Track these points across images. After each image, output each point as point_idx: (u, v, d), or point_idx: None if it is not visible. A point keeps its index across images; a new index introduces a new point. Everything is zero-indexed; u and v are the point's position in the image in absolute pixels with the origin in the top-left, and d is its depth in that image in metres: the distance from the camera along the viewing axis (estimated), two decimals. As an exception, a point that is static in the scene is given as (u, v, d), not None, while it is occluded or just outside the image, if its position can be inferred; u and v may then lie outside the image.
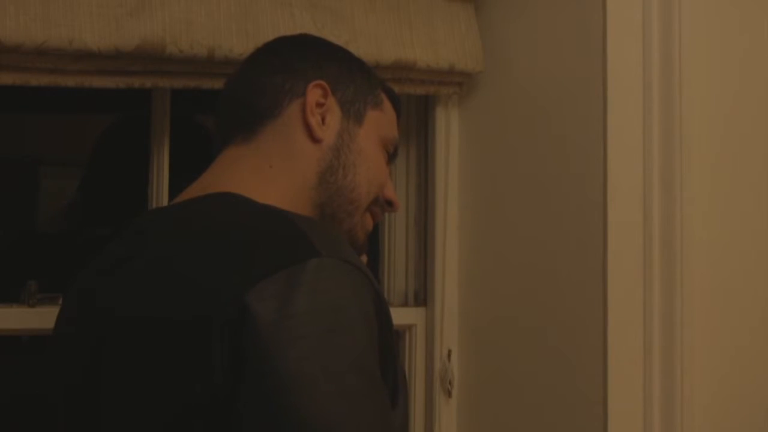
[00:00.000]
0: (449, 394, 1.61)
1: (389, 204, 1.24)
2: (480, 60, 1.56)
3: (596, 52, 1.34)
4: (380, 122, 1.21)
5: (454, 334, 1.62)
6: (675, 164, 1.32)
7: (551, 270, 1.42)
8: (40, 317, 1.38)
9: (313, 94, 1.14)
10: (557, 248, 1.41)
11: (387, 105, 1.23)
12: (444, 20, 1.54)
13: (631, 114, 1.33)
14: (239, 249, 0.94)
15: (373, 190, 1.19)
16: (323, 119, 1.15)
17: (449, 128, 1.64)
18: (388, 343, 0.97)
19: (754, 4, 1.42)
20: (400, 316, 1.61)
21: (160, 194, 1.47)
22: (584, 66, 1.37)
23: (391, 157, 1.24)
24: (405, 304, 1.67)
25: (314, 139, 1.14)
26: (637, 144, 1.33)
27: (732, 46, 1.40)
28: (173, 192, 1.32)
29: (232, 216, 1.01)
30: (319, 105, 1.15)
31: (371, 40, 1.46)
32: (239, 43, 1.37)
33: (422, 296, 1.66)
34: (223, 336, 0.88)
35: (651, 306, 1.31)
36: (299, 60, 1.17)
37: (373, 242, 1.64)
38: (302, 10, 1.42)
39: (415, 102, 1.68)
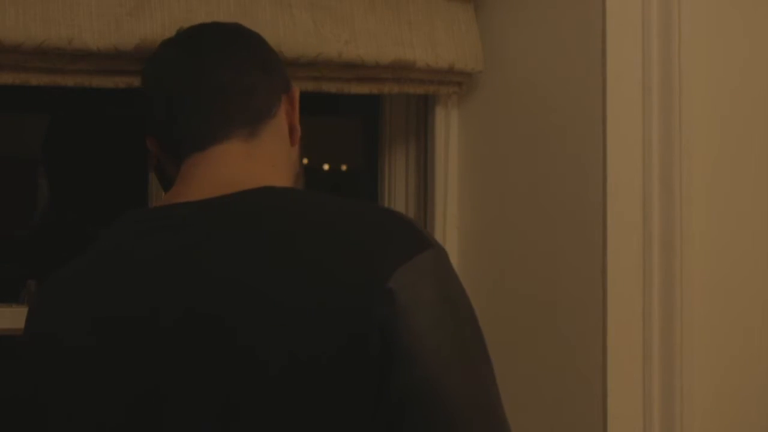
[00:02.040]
0: (449, 394, 1.60)
1: None
2: (480, 60, 1.56)
3: (596, 52, 1.34)
4: None
5: (454, 334, 1.61)
6: (675, 164, 1.32)
7: (551, 270, 1.42)
8: (40, 317, 1.37)
9: (295, 96, 1.14)
10: (557, 249, 1.41)
11: None
12: (444, 20, 1.54)
13: (631, 114, 1.33)
14: (366, 239, 0.93)
15: None
16: None
17: (449, 128, 1.64)
18: None
19: (754, 3, 1.42)
20: (399, 316, 1.61)
21: (160, 194, 1.46)
22: (584, 66, 1.37)
23: None
24: (405, 304, 1.67)
25: (292, 142, 1.13)
26: (636, 144, 1.33)
27: (732, 46, 1.40)
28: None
29: (332, 209, 0.98)
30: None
31: (371, 40, 1.46)
32: (239, 43, 1.37)
33: (422, 296, 1.66)
34: (374, 330, 0.88)
35: (651, 306, 1.31)
36: (269, 58, 1.15)
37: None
38: (302, 10, 1.42)
39: (415, 102, 1.68)
